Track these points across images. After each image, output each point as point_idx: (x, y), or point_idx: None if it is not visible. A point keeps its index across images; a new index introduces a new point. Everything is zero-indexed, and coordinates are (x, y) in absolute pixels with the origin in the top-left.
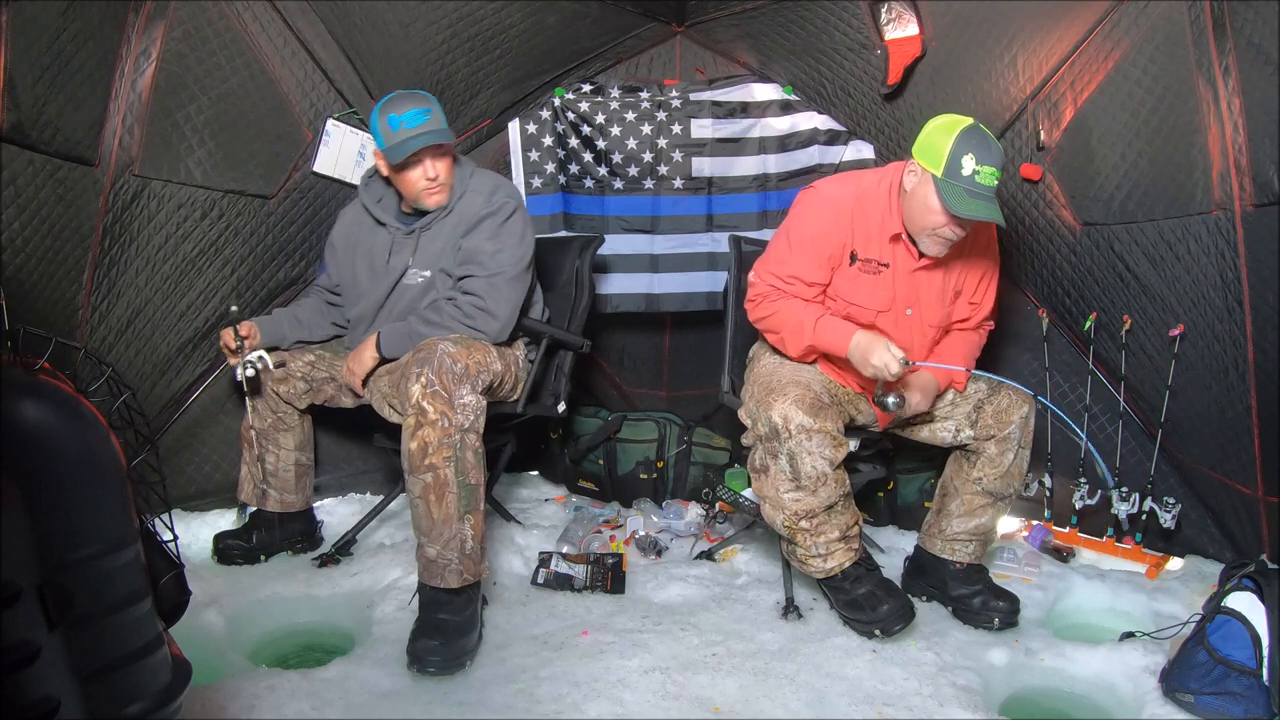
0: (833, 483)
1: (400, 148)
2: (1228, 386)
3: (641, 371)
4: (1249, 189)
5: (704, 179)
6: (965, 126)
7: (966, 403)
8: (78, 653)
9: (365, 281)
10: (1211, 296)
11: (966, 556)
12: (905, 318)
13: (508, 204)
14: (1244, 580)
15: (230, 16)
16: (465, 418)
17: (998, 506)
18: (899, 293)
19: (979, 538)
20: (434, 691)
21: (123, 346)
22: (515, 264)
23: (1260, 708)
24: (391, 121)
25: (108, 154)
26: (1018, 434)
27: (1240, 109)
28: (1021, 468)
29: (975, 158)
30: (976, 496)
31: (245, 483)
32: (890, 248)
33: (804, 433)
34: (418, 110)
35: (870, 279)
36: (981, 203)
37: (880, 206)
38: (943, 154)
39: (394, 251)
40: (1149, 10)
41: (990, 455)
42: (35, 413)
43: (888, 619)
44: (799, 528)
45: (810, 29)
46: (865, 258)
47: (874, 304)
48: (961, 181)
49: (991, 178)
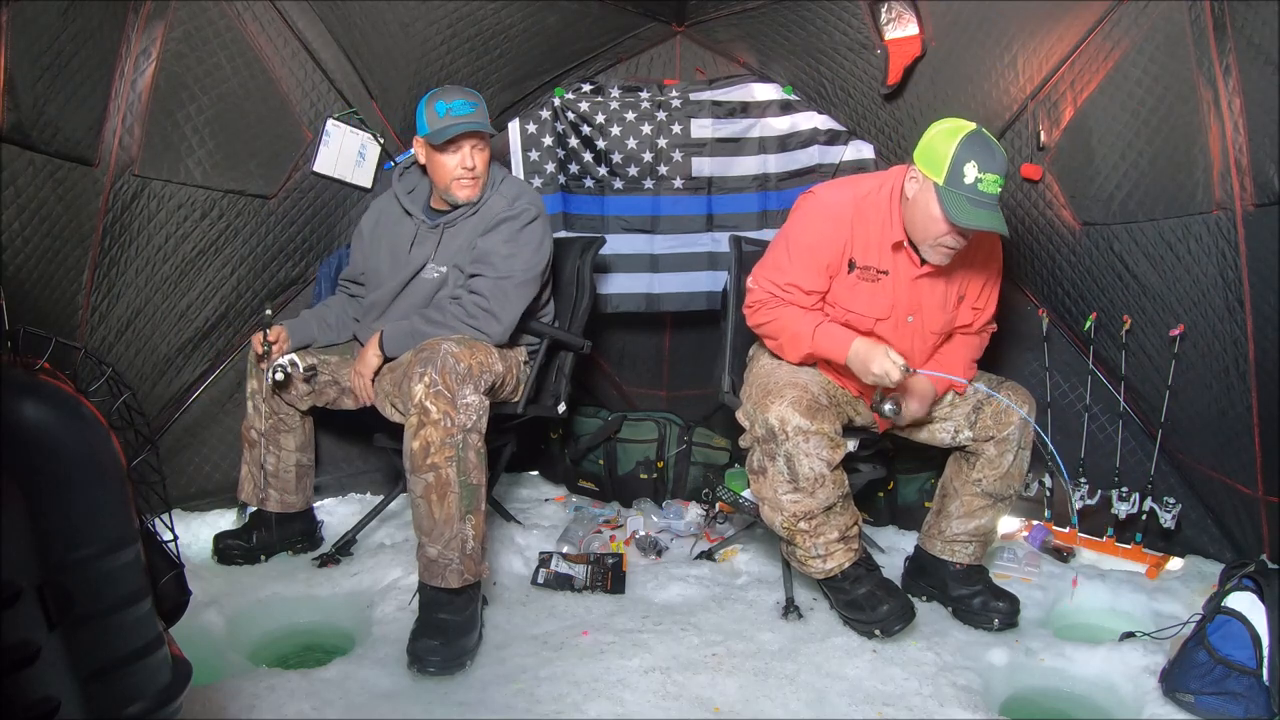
0: (831, 484)
1: (445, 130)
2: (1228, 386)
3: (641, 371)
4: (1249, 189)
5: (704, 179)
6: (968, 132)
7: (966, 404)
8: (78, 653)
9: (386, 269)
10: (1212, 296)
11: (966, 557)
12: (906, 324)
13: (529, 210)
14: (1244, 580)
15: (230, 16)
16: (468, 418)
17: (997, 508)
18: (899, 300)
19: (979, 539)
20: (434, 691)
21: (123, 346)
22: (526, 270)
23: (1260, 708)
24: (439, 108)
25: (108, 154)
26: (1017, 435)
27: (1241, 109)
28: (1021, 469)
29: (978, 165)
30: (976, 498)
31: (245, 483)
32: (891, 255)
33: (801, 434)
34: (466, 101)
35: (869, 286)
36: (985, 212)
37: (881, 213)
38: (945, 161)
39: (416, 243)
40: (1149, 10)
41: (990, 456)
42: (35, 413)
43: (888, 619)
44: (798, 529)
45: (810, 29)
46: (864, 265)
47: (873, 311)
48: (964, 190)
49: (995, 185)
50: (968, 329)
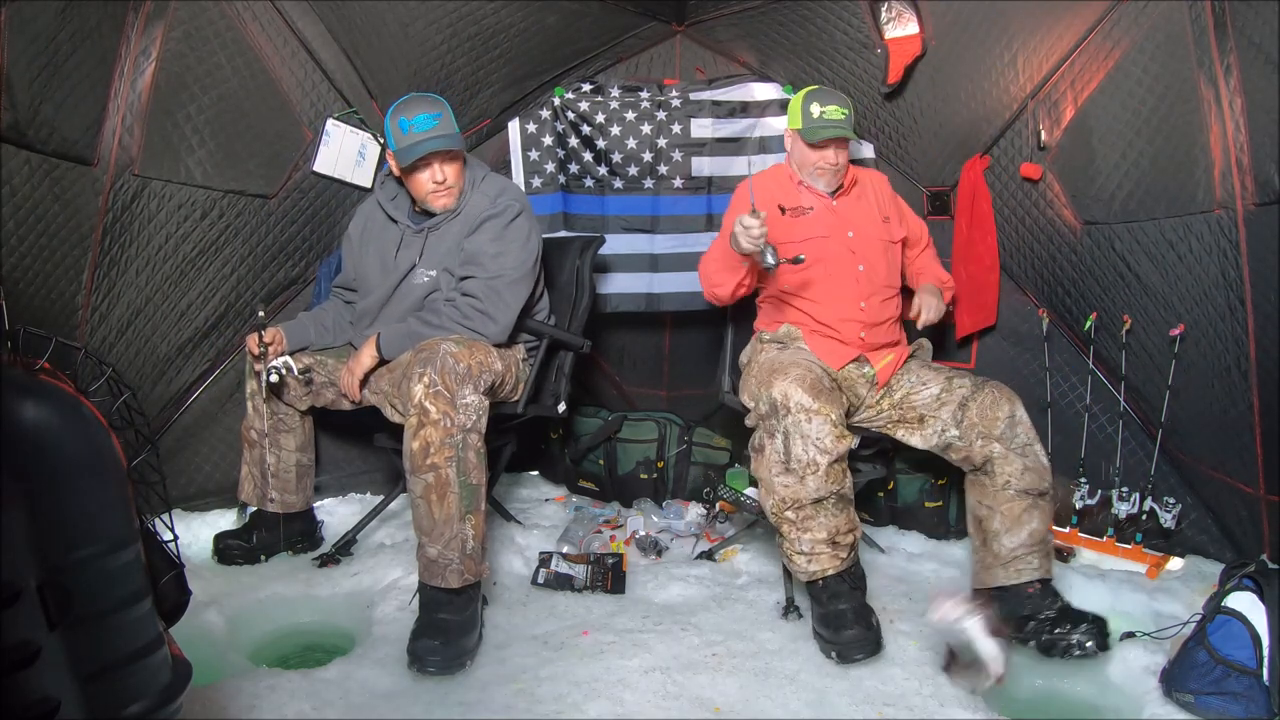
0: (823, 474)
1: (409, 150)
2: (1229, 386)
3: (641, 371)
4: (1250, 188)
5: (704, 178)
6: (810, 89)
7: (952, 400)
8: (78, 653)
9: (375, 276)
10: (1213, 295)
11: (1035, 573)
12: (848, 239)
13: (512, 206)
14: (1244, 580)
15: (230, 16)
16: (467, 418)
17: (1040, 506)
18: (831, 222)
19: (1038, 548)
20: (434, 691)
21: (123, 346)
22: (517, 268)
23: (1260, 708)
24: (402, 125)
25: (107, 154)
26: (1008, 431)
27: (1241, 108)
28: (1040, 461)
29: (819, 102)
30: (1014, 502)
31: (245, 483)
32: (807, 194)
33: (803, 412)
34: (428, 115)
35: (802, 219)
36: (831, 130)
37: (779, 175)
38: (798, 111)
39: (402, 248)
40: (1149, 9)
41: (999, 454)
42: (35, 413)
43: (848, 645)
44: (785, 517)
45: (810, 28)
46: (791, 206)
47: (815, 233)
48: (813, 122)
49: (836, 113)
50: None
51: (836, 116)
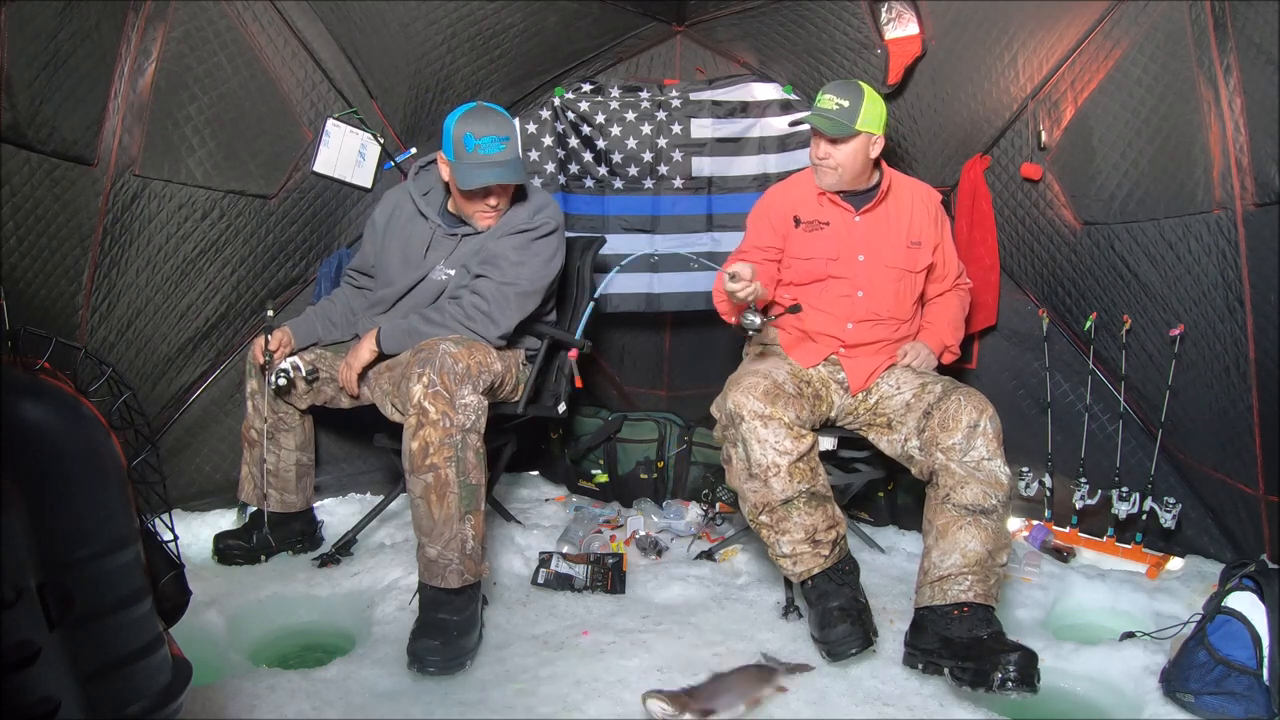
0: (785, 475)
1: (471, 173)
2: (1229, 386)
3: (641, 371)
4: (1250, 188)
5: (704, 179)
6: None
7: (919, 407)
8: (78, 653)
9: (396, 267)
10: (1212, 296)
11: (963, 594)
12: (858, 262)
13: (547, 224)
14: (1244, 580)
15: (230, 16)
16: (466, 418)
17: (981, 524)
18: (845, 242)
19: (972, 570)
20: (434, 691)
21: (123, 346)
22: (532, 281)
23: (1260, 708)
24: (467, 141)
25: (108, 154)
26: (962, 442)
27: (1241, 108)
28: (996, 477)
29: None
30: (950, 517)
31: (245, 483)
32: (828, 207)
33: (757, 418)
34: (496, 138)
35: (816, 235)
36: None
37: (805, 182)
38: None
39: (432, 248)
40: (1149, 9)
41: (940, 466)
42: (35, 413)
43: (838, 641)
44: (760, 522)
45: (810, 28)
46: (807, 220)
47: (822, 254)
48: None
49: (827, 103)
50: (940, 284)
51: (826, 106)
